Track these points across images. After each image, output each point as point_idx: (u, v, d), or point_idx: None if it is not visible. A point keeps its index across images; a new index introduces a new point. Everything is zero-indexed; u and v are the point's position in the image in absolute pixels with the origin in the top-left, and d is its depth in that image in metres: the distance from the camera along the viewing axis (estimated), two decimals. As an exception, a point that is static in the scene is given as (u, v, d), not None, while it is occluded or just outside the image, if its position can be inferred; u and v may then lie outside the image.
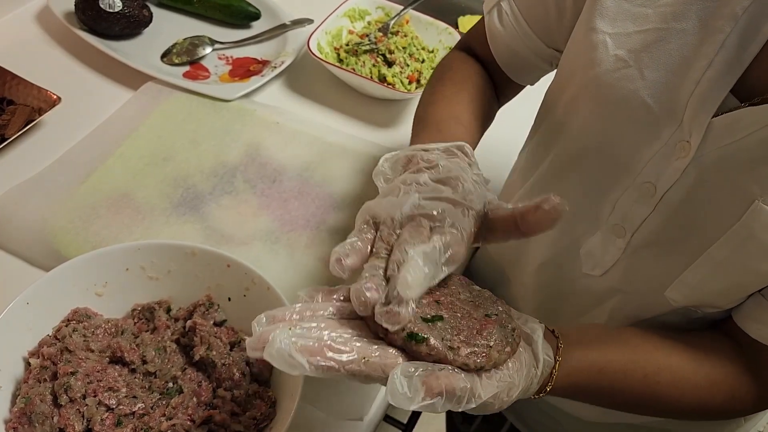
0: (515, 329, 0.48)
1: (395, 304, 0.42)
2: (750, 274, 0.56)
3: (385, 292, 0.43)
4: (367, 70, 1.01)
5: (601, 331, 0.63)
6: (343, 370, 0.41)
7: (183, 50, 1.02)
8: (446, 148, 0.56)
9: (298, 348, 0.40)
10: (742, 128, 0.52)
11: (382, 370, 0.42)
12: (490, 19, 0.73)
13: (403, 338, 0.43)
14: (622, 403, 0.61)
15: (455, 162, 0.54)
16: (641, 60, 0.56)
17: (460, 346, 0.44)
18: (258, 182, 0.87)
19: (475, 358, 0.44)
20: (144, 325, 0.67)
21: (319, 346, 0.41)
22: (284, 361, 0.40)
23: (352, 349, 0.42)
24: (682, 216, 0.58)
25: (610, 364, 0.58)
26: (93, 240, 0.77)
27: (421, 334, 0.43)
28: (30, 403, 0.58)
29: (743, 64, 0.52)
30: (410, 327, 0.44)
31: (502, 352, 0.46)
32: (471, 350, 0.44)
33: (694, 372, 0.59)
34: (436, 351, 0.43)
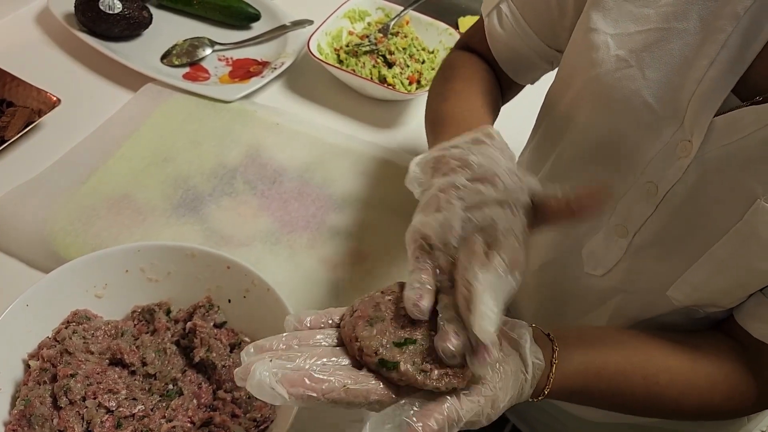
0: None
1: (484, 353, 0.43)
2: (752, 272, 0.56)
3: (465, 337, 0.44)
4: (368, 71, 1.01)
5: (599, 332, 0.63)
6: (323, 398, 0.42)
7: (183, 51, 1.02)
8: (473, 138, 0.54)
9: (278, 379, 0.41)
10: (743, 127, 0.52)
11: (363, 397, 0.43)
12: (489, 22, 0.73)
13: (375, 364, 0.44)
14: (622, 405, 0.61)
15: (486, 152, 0.51)
16: (642, 60, 0.56)
17: (432, 368, 0.44)
18: (258, 183, 0.87)
19: (447, 380, 0.44)
20: (144, 326, 0.67)
21: (299, 376, 0.41)
22: (265, 392, 0.41)
23: (333, 378, 0.42)
24: (684, 215, 0.58)
25: (609, 366, 0.57)
26: (93, 241, 0.77)
27: (391, 361, 0.44)
28: (29, 405, 0.58)
29: (745, 64, 0.52)
30: (382, 352, 0.44)
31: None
32: (443, 371, 0.44)
33: (693, 372, 0.59)
34: (406, 377, 0.43)
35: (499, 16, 0.71)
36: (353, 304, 0.49)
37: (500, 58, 0.74)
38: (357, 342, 0.45)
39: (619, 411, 0.63)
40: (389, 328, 0.46)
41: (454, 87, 0.71)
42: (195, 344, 0.64)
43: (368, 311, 0.47)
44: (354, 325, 0.46)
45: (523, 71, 0.74)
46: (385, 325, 0.46)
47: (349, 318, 0.47)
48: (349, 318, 0.47)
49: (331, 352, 0.45)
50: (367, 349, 0.44)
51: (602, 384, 0.57)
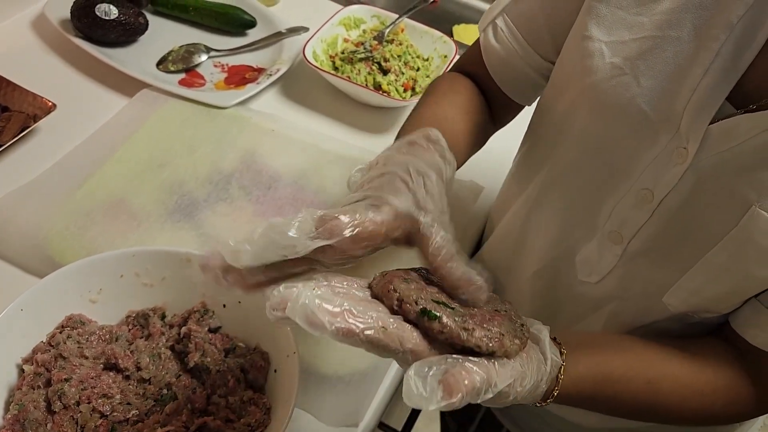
0: (524, 325, 0.48)
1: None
2: (748, 279, 0.56)
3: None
4: (363, 78, 1.01)
5: (601, 338, 0.63)
6: (362, 335, 0.41)
7: (178, 57, 1.03)
8: (408, 140, 0.54)
9: (320, 309, 0.40)
10: (738, 135, 0.53)
11: (399, 342, 0.42)
12: (485, 37, 0.72)
13: (417, 312, 0.43)
14: (625, 410, 0.61)
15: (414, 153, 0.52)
16: (637, 67, 0.56)
17: (474, 327, 0.44)
18: (253, 189, 0.87)
19: (488, 342, 0.44)
20: (138, 331, 0.67)
21: (341, 311, 0.41)
22: (306, 318, 0.40)
23: (371, 318, 0.42)
24: (680, 222, 0.58)
25: (613, 372, 0.58)
26: (88, 246, 0.77)
27: (434, 312, 0.43)
28: (23, 410, 0.58)
29: (739, 72, 0.52)
30: (422, 303, 0.43)
31: (513, 343, 0.45)
32: (483, 333, 0.44)
33: (695, 379, 0.59)
34: (448, 329, 0.43)
35: (495, 31, 0.71)
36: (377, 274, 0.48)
37: (495, 74, 0.73)
38: (396, 292, 0.44)
39: (622, 416, 0.63)
40: (426, 288, 0.46)
41: (428, 99, 0.70)
42: (189, 349, 0.64)
43: (400, 273, 0.47)
44: (389, 281, 0.45)
45: (519, 87, 0.73)
46: (421, 285, 0.46)
47: (381, 276, 0.47)
48: (381, 276, 0.47)
49: (367, 299, 0.44)
50: (407, 298, 0.44)
51: (607, 389, 0.57)
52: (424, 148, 0.53)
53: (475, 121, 0.70)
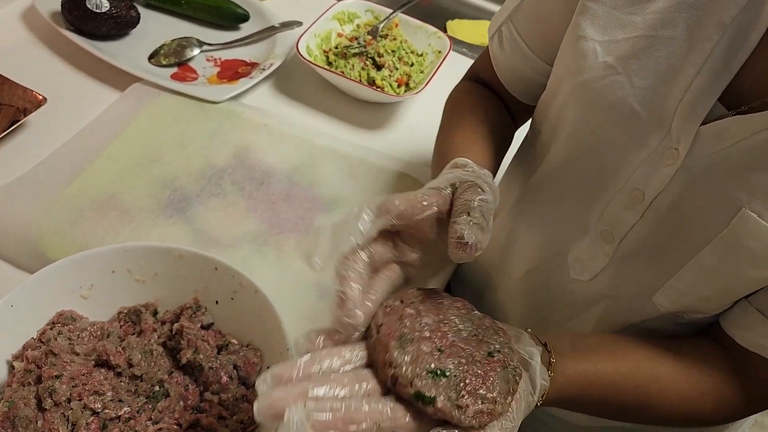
0: (517, 368, 0.48)
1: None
2: (737, 280, 0.57)
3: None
4: (356, 73, 1.01)
5: (591, 342, 0.63)
6: None
7: (171, 51, 1.02)
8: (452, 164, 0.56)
9: (313, 425, 0.40)
10: (729, 136, 0.53)
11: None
12: (492, 45, 0.74)
13: (411, 396, 0.43)
14: (614, 413, 0.61)
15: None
16: (630, 67, 0.56)
17: (468, 404, 0.44)
18: (246, 184, 0.86)
19: (480, 418, 0.44)
20: (130, 328, 0.67)
21: (334, 421, 0.41)
22: None
23: (365, 416, 0.42)
24: (670, 222, 0.58)
25: (601, 376, 0.58)
26: (79, 242, 0.76)
27: (428, 395, 0.43)
28: (13, 407, 0.57)
29: (731, 73, 0.52)
30: (418, 384, 0.43)
31: (505, 405, 0.46)
32: (477, 409, 0.44)
33: (683, 381, 0.60)
34: (442, 413, 0.43)
35: (500, 39, 0.72)
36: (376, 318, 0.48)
37: (504, 80, 0.74)
38: (391, 369, 0.44)
39: (610, 419, 0.63)
40: (421, 351, 0.45)
41: (458, 122, 0.72)
42: (182, 346, 0.64)
43: (395, 326, 0.46)
44: (386, 347, 0.45)
45: (529, 92, 0.74)
46: (416, 348, 0.46)
47: (377, 336, 0.47)
48: (377, 336, 0.47)
49: (355, 377, 0.44)
50: (403, 379, 0.44)
51: (595, 393, 0.57)
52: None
53: (500, 132, 0.73)
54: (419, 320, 0.47)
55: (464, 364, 0.46)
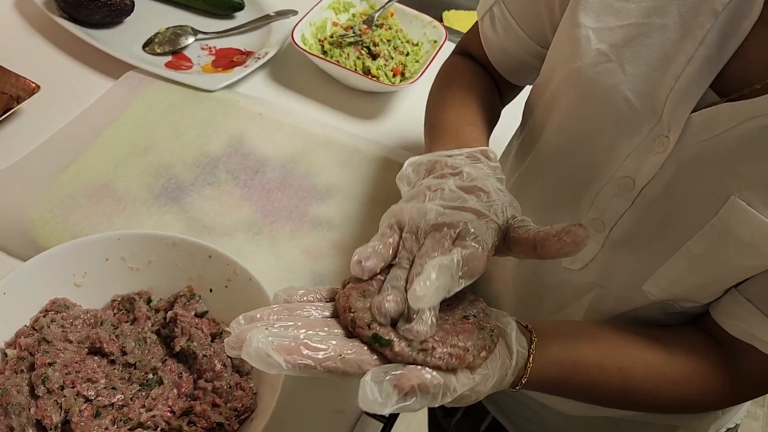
0: (493, 329, 0.48)
1: (415, 323, 0.43)
2: (726, 269, 0.57)
3: (405, 306, 0.45)
4: (352, 62, 1.00)
5: (575, 326, 0.63)
6: (319, 367, 0.42)
7: (165, 40, 1.01)
8: (470, 153, 0.56)
9: (275, 347, 0.41)
10: (720, 124, 0.53)
11: (358, 366, 0.43)
12: (483, 25, 0.73)
13: (369, 338, 0.44)
14: (598, 397, 0.61)
15: (479, 168, 0.54)
16: (622, 54, 0.56)
17: (434, 346, 0.44)
18: (241, 173, 0.86)
19: (448, 360, 0.44)
20: (124, 315, 0.67)
21: (296, 345, 0.42)
22: (261, 360, 0.41)
23: (328, 347, 0.42)
24: (660, 211, 0.58)
25: (585, 358, 0.58)
26: (72, 230, 0.76)
27: (385, 337, 0.43)
28: (6, 394, 0.57)
29: (722, 60, 0.52)
30: (375, 326, 0.44)
31: (477, 357, 0.46)
32: (445, 351, 0.44)
33: (668, 366, 0.60)
34: (401, 357, 0.43)
35: (492, 19, 0.72)
36: (346, 279, 0.49)
37: (495, 61, 0.74)
38: (351, 313, 0.45)
39: (595, 403, 0.64)
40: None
41: (453, 95, 0.72)
42: (176, 334, 0.64)
43: (363, 284, 0.47)
44: (348, 296, 0.46)
45: (519, 73, 0.75)
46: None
47: (343, 289, 0.47)
48: (343, 289, 0.47)
49: (323, 322, 0.45)
50: (360, 321, 0.44)
51: (578, 376, 0.58)
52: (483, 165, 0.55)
53: (493, 111, 0.73)
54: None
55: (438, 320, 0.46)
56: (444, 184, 0.51)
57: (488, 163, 0.56)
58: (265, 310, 0.45)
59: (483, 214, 0.49)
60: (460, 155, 0.56)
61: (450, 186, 0.51)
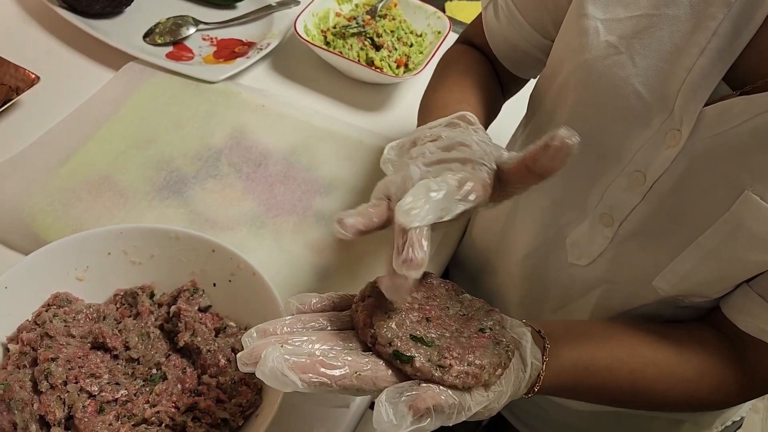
0: (509, 344, 0.48)
1: (407, 249, 0.40)
2: (738, 264, 0.56)
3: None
4: (355, 53, 0.99)
5: (586, 327, 0.63)
6: (335, 385, 0.41)
7: (166, 30, 1.00)
8: (448, 121, 0.54)
9: (290, 365, 0.40)
10: (733, 117, 0.52)
11: (373, 383, 0.42)
12: (486, 15, 0.72)
13: (389, 355, 0.43)
14: (610, 399, 0.61)
15: (458, 131, 0.52)
16: (632, 47, 0.56)
17: (452, 364, 0.43)
18: (243, 166, 0.85)
19: (465, 379, 0.43)
20: (127, 310, 0.66)
21: (311, 363, 0.41)
22: (277, 379, 0.40)
23: (344, 364, 0.42)
24: (672, 205, 0.58)
25: (596, 362, 0.58)
26: (73, 223, 0.75)
27: (406, 354, 0.43)
28: (9, 390, 0.57)
29: (735, 52, 0.52)
30: (396, 344, 0.43)
31: (493, 375, 0.45)
32: (461, 369, 0.43)
33: (680, 366, 0.59)
34: (421, 373, 0.43)
35: (496, 9, 0.71)
36: (363, 289, 0.48)
37: (498, 52, 0.73)
38: (371, 329, 0.44)
39: (607, 405, 0.63)
40: (405, 320, 0.45)
41: (448, 79, 0.71)
42: (179, 328, 0.63)
43: (382, 298, 0.46)
44: (369, 312, 0.45)
45: (522, 64, 0.74)
46: (400, 317, 0.45)
47: (362, 303, 0.46)
48: (362, 303, 0.46)
49: (338, 336, 0.45)
50: (382, 338, 0.44)
51: (590, 379, 0.57)
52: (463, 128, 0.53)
53: (492, 98, 0.71)
54: (410, 297, 0.47)
55: (449, 337, 0.45)
56: (424, 149, 0.49)
57: (468, 126, 0.53)
58: (277, 322, 0.45)
59: (468, 160, 0.47)
60: (438, 126, 0.54)
61: (429, 149, 0.49)
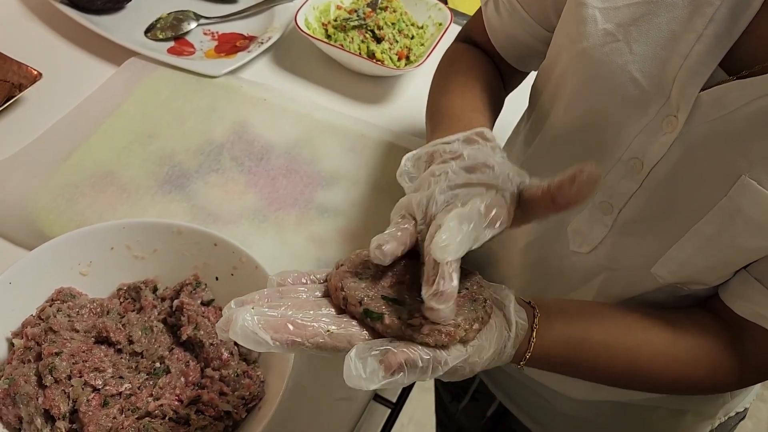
0: (487, 300, 0.48)
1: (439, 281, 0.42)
2: (736, 250, 0.56)
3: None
4: (356, 46, 0.99)
5: (580, 305, 0.63)
6: (307, 343, 0.42)
7: (167, 25, 1.00)
8: (466, 137, 0.55)
9: (261, 324, 0.41)
10: (729, 102, 0.52)
11: (347, 341, 0.43)
12: (487, 9, 0.73)
13: (360, 314, 0.44)
14: (604, 376, 0.61)
15: (478, 149, 0.53)
16: (630, 34, 0.55)
17: (422, 322, 0.43)
18: (245, 160, 0.86)
19: (437, 337, 0.44)
20: (130, 304, 0.66)
21: (283, 322, 0.42)
22: (248, 338, 0.41)
23: (315, 323, 0.42)
24: (669, 192, 0.58)
25: (591, 337, 0.58)
26: (77, 219, 0.75)
27: (376, 312, 0.43)
28: (14, 384, 0.57)
29: (732, 38, 0.51)
30: (367, 302, 0.44)
31: (470, 330, 0.45)
32: (433, 327, 0.44)
33: (675, 346, 0.59)
34: (391, 329, 0.43)
35: (496, 4, 0.71)
36: (339, 260, 0.49)
37: (499, 46, 0.74)
38: (342, 291, 0.45)
39: (601, 383, 0.63)
40: (377, 284, 0.46)
41: (455, 82, 0.71)
42: (182, 322, 0.64)
43: (356, 267, 0.47)
44: (341, 277, 0.46)
45: (524, 58, 0.74)
46: (373, 280, 0.46)
47: (335, 270, 0.47)
48: (335, 270, 0.47)
49: (314, 302, 0.45)
50: (352, 298, 0.44)
51: (584, 354, 0.57)
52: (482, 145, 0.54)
53: (497, 98, 0.72)
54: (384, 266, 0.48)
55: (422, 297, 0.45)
56: (447, 167, 0.50)
57: (486, 143, 0.55)
58: (255, 293, 0.45)
59: (492, 185, 0.48)
60: (456, 140, 0.55)
61: (453, 168, 0.50)
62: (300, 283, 0.48)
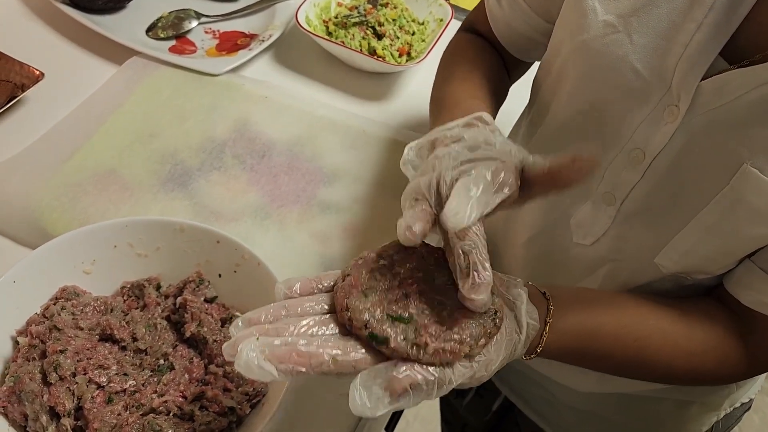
0: (497, 312, 0.47)
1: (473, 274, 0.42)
2: (739, 238, 0.56)
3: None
4: (357, 42, 0.99)
5: (594, 294, 0.63)
6: (312, 372, 0.42)
7: (168, 24, 1.00)
8: (465, 122, 0.55)
9: (266, 356, 0.41)
10: (730, 91, 0.52)
11: (353, 367, 0.43)
12: (489, 2, 0.73)
13: (365, 338, 0.44)
14: (613, 366, 0.61)
15: (477, 131, 0.53)
16: (630, 25, 0.55)
17: (427, 342, 0.43)
18: (247, 157, 0.86)
19: (442, 356, 0.43)
20: (133, 302, 0.67)
21: (287, 351, 0.42)
22: (252, 371, 0.41)
23: (321, 350, 0.42)
24: (671, 182, 0.58)
25: (602, 328, 0.57)
26: (80, 217, 0.76)
27: (381, 336, 0.43)
28: (19, 382, 0.57)
29: (732, 27, 0.51)
30: (372, 324, 0.44)
31: (475, 347, 0.45)
32: (438, 346, 0.43)
33: (685, 337, 0.59)
34: (397, 353, 0.43)
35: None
36: (345, 268, 0.48)
37: (501, 37, 0.74)
38: (347, 312, 0.45)
39: (610, 373, 0.63)
40: (384, 299, 0.45)
41: (457, 71, 0.71)
42: (186, 319, 0.64)
43: (362, 279, 0.47)
44: (347, 294, 0.46)
45: (527, 49, 0.74)
46: (379, 296, 0.46)
47: (341, 284, 0.47)
48: (341, 284, 0.47)
49: (319, 321, 0.45)
50: (357, 321, 0.44)
51: (595, 344, 0.57)
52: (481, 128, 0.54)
53: (500, 87, 0.72)
54: (391, 271, 0.47)
55: (429, 312, 0.45)
56: (449, 150, 0.50)
57: (485, 126, 0.55)
58: (263, 311, 0.45)
59: (495, 158, 0.48)
60: (456, 126, 0.55)
61: (456, 149, 0.50)
62: (307, 293, 0.48)
